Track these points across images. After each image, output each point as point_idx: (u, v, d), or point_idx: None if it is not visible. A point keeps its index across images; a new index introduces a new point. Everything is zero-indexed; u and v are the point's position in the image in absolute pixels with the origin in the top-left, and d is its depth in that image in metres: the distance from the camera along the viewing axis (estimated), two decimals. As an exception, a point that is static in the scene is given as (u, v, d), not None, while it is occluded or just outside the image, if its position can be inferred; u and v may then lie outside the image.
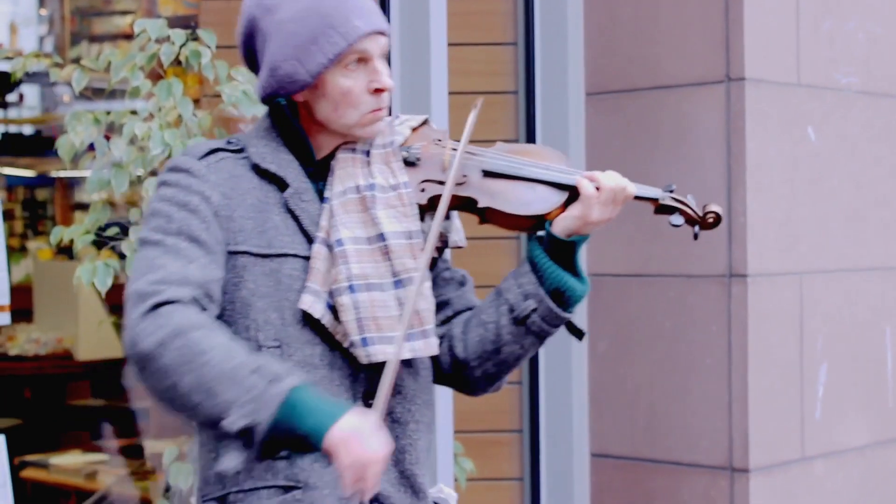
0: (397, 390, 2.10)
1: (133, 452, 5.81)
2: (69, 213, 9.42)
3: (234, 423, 1.85)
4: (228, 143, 2.13)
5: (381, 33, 2.10)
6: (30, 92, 9.90)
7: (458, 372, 2.22)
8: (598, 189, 2.15)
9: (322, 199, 2.11)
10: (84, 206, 9.32)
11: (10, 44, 9.40)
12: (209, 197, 2.04)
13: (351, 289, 2.04)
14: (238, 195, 2.06)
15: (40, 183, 10.10)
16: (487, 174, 2.16)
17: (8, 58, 3.94)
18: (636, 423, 4.00)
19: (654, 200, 2.27)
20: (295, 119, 2.12)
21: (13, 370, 6.69)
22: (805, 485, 3.96)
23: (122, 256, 3.60)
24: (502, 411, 4.02)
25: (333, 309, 2.05)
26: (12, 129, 9.88)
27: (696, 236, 2.27)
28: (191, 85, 3.94)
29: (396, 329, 2.04)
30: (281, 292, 2.04)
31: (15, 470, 3.61)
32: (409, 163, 2.16)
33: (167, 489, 4.03)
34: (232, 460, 1.88)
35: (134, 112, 3.60)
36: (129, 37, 7.91)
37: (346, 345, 2.05)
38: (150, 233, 2.02)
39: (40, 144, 9.36)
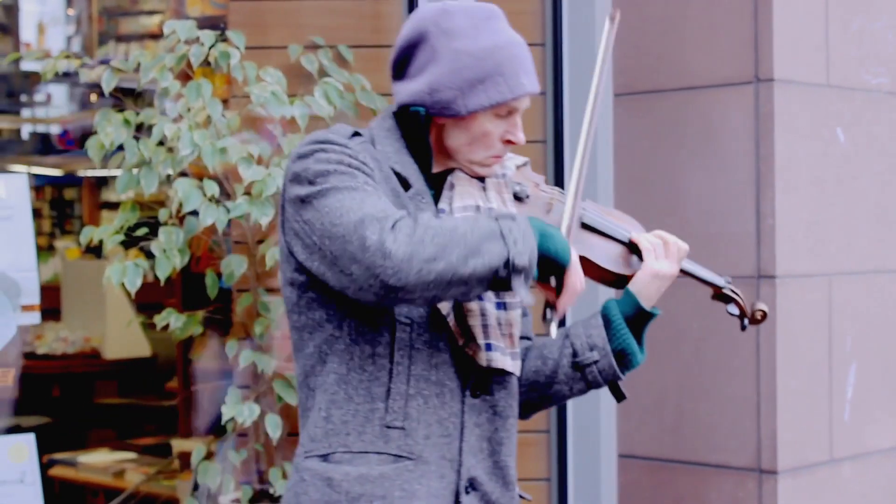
0: (503, 385, 2.26)
1: (160, 451, 5.84)
2: (96, 213, 9.46)
3: (518, 260, 2.02)
4: (357, 133, 2.23)
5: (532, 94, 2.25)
6: (57, 91, 9.94)
7: None
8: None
9: (436, 206, 2.23)
10: (111, 206, 9.36)
11: (37, 44, 9.43)
12: (373, 170, 2.15)
13: (479, 297, 2.17)
14: (383, 177, 2.18)
15: (68, 182, 10.14)
16: (585, 226, 2.34)
17: (38, 58, 3.96)
18: (664, 424, 4.00)
19: (717, 287, 2.51)
20: (426, 133, 2.23)
21: (41, 368, 6.72)
22: (833, 487, 3.95)
23: (149, 256, 3.61)
24: (529, 412, 4.02)
25: (454, 309, 2.18)
26: (40, 128, 9.92)
27: (743, 328, 2.54)
28: (219, 86, 3.95)
29: (502, 342, 2.22)
30: None
31: (43, 468, 3.63)
32: (518, 197, 2.32)
33: (195, 488, 4.05)
34: (525, 290, 2.05)
35: (163, 112, 3.62)
36: (156, 36, 7.94)
37: (460, 343, 2.18)
38: (338, 181, 2.08)
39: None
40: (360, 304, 2.11)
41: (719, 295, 2.51)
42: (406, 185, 2.20)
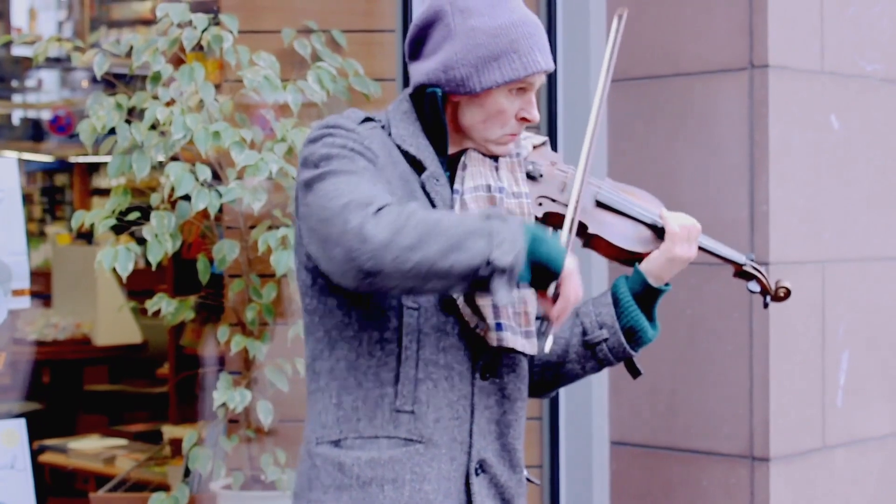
0: (512, 368, 2.26)
1: (151, 437, 5.83)
2: (87, 199, 9.44)
3: (500, 260, 1.97)
4: (373, 117, 2.25)
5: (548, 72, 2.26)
6: (49, 77, 9.91)
7: None
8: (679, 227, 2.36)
9: (451, 187, 2.25)
10: (102, 192, 9.34)
11: (29, 29, 9.40)
12: (378, 155, 2.16)
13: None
14: (391, 163, 2.19)
15: (59, 168, 10.13)
16: (600, 204, 2.36)
17: (28, 42, 3.94)
18: (656, 411, 3.99)
19: (737, 265, 2.50)
20: (443, 112, 2.24)
21: (32, 354, 6.70)
22: (826, 473, 3.95)
23: (140, 241, 3.60)
24: (522, 398, 4.01)
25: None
26: (31, 114, 9.90)
27: (766, 306, 2.53)
28: (212, 70, 3.93)
29: (513, 321, 2.20)
30: None
31: (33, 454, 3.62)
32: (531, 176, 2.32)
33: (186, 474, 4.04)
34: (505, 293, 2.00)
35: (155, 97, 3.60)
36: (147, 22, 7.92)
37: (472, 325, 2.19)
38: (338, 165, 2.11)
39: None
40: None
41: (740, 272, 2.50)
42: (421, 167, 2.22)
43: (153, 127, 3.55)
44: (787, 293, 2.51)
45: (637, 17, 4.02)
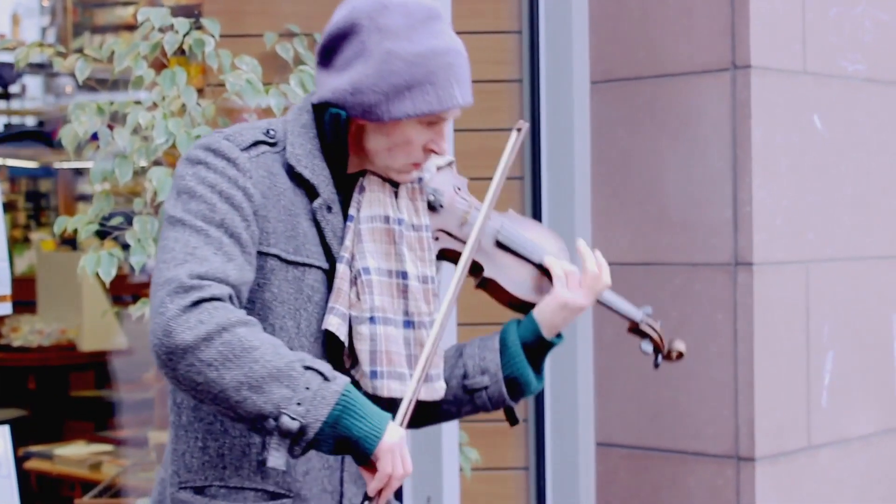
0: (389, 411, 2.07)
1: (137, 443, 5.81)
2: (72, 204, 9.42)
3: (288, 421, 1.83)
4: (267, 133, 2.07)
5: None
6: (32, 83, 9.89)
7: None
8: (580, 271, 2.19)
9: (346, 211, 2.09)
10: (87, 197, 9.32)
11: (12, 34, 9.38)
12: (252, 195, 1.99)
13: (372, 320, 2.05)
14: (274, 195, 2.02)
15: (43, 174, 10.10)
16: (499, 245, 2.21)
17: (10, 48, 3.93)
18: (642, 412, 3.99)
19: (633, 322, 2.37)
20: (345, 134, 2.08)
21: (17, 361, 6.69)
22: (811, 473, 3.96)
23: (125, 247, 3.59)
24: (507, 401, 4.00)
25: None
26: (15, 119, 9.88)
27: (656, 366, 2.40)
28: (194, 74, 3.93)
29: (404, 366, 2.07)
30: (300, 301, 2.03)
31: (19, 461, 3.60)
32: (432, 206, 2.18)
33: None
34: (280, 458, 1.86)
35: (138, 102, 3.59)
36: (131, 27, 7.90)
37: (347, 366, 2.06)
38: (190, 217, 1.95)
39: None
40: None
41: (634, 329, 2.38)
42: (314, 193, 2.06)
43: (135, 132, 3.54)
44: (680, 356, 2.38)
45: (619, 17, 4.03)
